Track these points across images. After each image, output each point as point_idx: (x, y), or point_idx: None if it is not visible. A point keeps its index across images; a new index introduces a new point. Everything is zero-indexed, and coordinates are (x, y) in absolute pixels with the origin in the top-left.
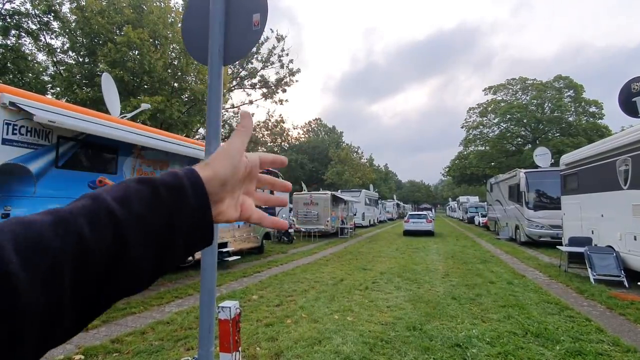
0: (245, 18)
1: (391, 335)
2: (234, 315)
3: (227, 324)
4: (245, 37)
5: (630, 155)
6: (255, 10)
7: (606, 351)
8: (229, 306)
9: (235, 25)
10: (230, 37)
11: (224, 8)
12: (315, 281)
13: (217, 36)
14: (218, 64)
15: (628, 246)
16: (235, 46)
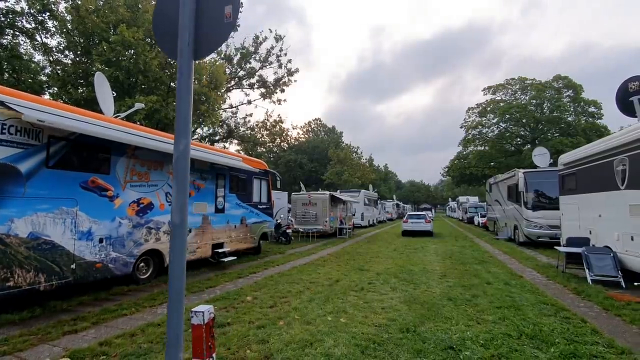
0: (216, 10)
1: (384, 337)
2: (208, 320)
3: (200, 329)
4: (217, 30)
5: (627, 155)
6: (227, 2)
7: (601, 353)
8: (202, 310)
9: (206, 18)
10: (201, 30)
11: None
12: (310, 282)
13: (187, 29)
14: (188, 58)
15: (625, 246)
16: (206, 39)
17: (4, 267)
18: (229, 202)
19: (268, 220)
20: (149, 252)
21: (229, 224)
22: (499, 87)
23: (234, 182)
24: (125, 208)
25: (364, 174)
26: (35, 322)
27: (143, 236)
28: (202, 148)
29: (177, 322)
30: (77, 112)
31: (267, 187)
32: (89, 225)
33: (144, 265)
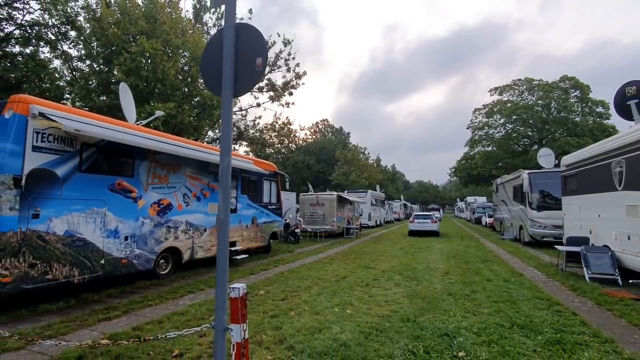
0: (250, 61)
1: (386, 325)
2: (242, 294)
3: (236, 301)
4: (250, 76)
5: (624, 157)
6: (259, 55)
7: (585, 341)
8: (238, 287)
9: (242, 66)
10: (239, 75)
11: (234, 52)
12: (319, 278)
13: (229, 74)
14: (229, 95)
15: (622, 245)
16: (242, 82)
17: (44, 262)
18: (241, 202)
19: (277, 220)
20: (168, 250)
21: (241, 223)
22: (505, 88)
23: (245, 183)
24: (147, 208)
25: (371, 174)
26: (71, 311)
27: (163, 234)
28: (217, 152)
29: (222, 293)
30: (105, 120)
31: (277, 188)
32: (115, 225)
33: (163, 262)
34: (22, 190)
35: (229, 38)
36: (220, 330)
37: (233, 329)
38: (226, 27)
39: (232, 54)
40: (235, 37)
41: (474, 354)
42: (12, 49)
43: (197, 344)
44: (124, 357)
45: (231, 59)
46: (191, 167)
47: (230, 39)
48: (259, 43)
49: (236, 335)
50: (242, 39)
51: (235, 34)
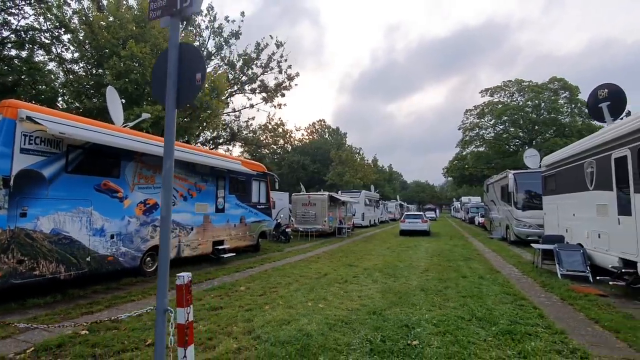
0: (191, 76)
1: (352, 318)
2: (187, 282)
3: (181, 288)
4: (191, 89)
5: (595, 159)
6: (198, 70)
7: (536, 332)
8: (183, 275)
9: (184, 81)
10: (180, 89)
11: (177, 69)
12: (300, 275)
13: (171, 88)
14: (172, 106)
15: (594, 243)
16: (184, 95)
17: (32, 258)
18: (229, 202)
19: (267, 219)
20: (155, 248)
21: (229, 222)
22: (496, 89)
23: (233, 183)
24: (133, 208)
25: (365, 174)
26: (57, 305)
27: (149, 233)
28: (203, 153)
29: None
30: (91, 123)
31: (266, 188)
32: (101, 223)
33: (150, 260)
34: (11, 190)
35: (173, 57)
36: (160, 311)
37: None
38: (170, 47)
39: (176, 69)
40: (178, 55)
41: (426, 343)
42: (9, 53)
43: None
44: (99, 345)
45: (174, 75)
46: (177, 167)
47: (173, 58)
48: (199, 60)
49: (180, 318)
50: (185, 57)
51: (178, 53)
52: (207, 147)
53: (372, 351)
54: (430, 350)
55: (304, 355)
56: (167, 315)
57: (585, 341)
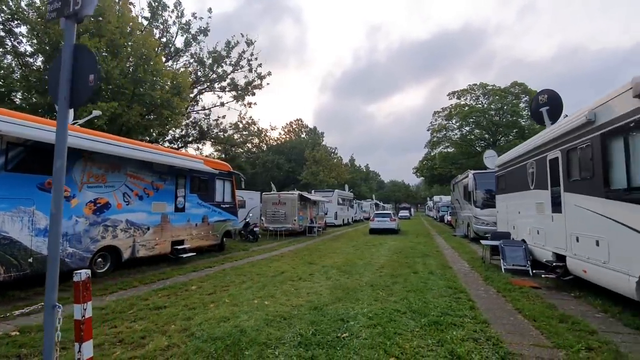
0: (85, 77)
1: (293, 313)
2: (84, 279)
3: (78, 285)
4: (84, 89)
5: (535, 160)
6: (91, 72)
7: (461, 322)
8: (81, 272)
9: (77, 81)
10: (74, 89)
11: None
12: (257, 274)
13: (64, 88)
14: (65, 107)
15: (534, 239)
16: (77, 94)
17: None
18: (190, 201)
19: (232, 219)
20: (107, 248)
21: (190, 222)
22: (463, 92)
23: (195, 183)
24: (81, 207)
25: (339, 174)
26: None
27: (100, 233)
28: (161, 151)
29: (52, 274)
30: (35, 120)
31: (231, 187)
32: (45, 223)
33: (101, 260)
34: None
35: (67, 58)
36: (49, 307)
37: (61, 307)
38: (65, 48)
39: (69, 70)
40: (73, 56)
41: (355, 335)
42: None
43: (103, 334)
44: (26, 346)
45: (68, 75)
46: (132, 166)
47: (68, 59)
48: (92, 62)
49: (76, 314)
50: (79, 59)
51: (73, 54)
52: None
53: (301, 344)
54: (357, 342)
55: (231, 350)
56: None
57: (503, 330)
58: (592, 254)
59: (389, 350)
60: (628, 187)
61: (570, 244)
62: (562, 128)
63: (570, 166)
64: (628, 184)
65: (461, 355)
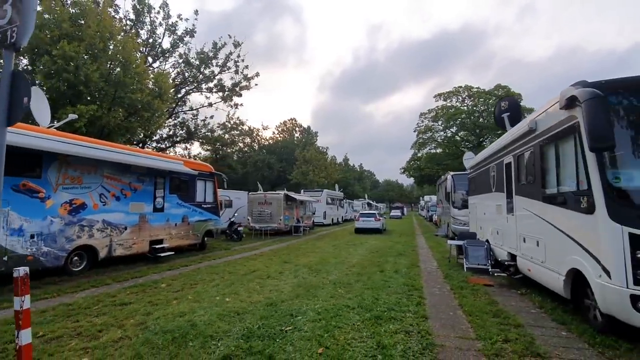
0: (19, 99)
1: (248, 309)
2: (22, 275)
3: (17, 280)
4: (19, 110)
5: (495, 163)
6: (25, 95)
7: (401, 317)
8: (19, 269)
9: (13, 103)
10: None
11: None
12: (229, 272)
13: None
14: (2, 124)
15: (495, 240)
16: (13, 114)
17: None
18: (169, 202)
19: (213, 218)
20: (83, 247)
21: (169, 222)
22: (449, 94)
23: (175, 183)
24: (57, 208)
25: (329, 173)
26: None
27: (75, 233)
28: (139, 154)
29: None
30: None
31: (213, 187)
32: (20, 223)
33: (77, 259)
34: None
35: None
36: None
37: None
38: (4, 75)
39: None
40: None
41: (298, 328)
42: None
43: (64, 327)
44: None
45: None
46: (109, 167)
47: (5, 84)
48: (27, 87)
49: (16, 305)
50: (15, 84)
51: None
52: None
53: (244, 336)
54: (298, 334)
55: (177, 342)
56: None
57: (438, 324)
58: (534, 253)
59: (322, 341)
60: (558, 191)
61: (520, 244)
62: (513, 135)
63: (519, 171)
64: (557, 189)
65: (386, 346)
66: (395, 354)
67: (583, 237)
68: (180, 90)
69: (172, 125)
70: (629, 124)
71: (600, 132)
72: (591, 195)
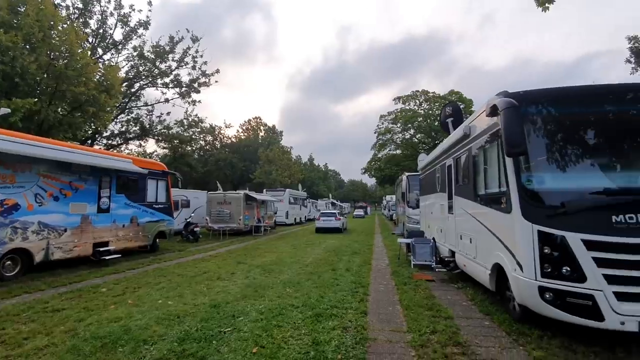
0: None
1: (190, 312)
2: None
3: None
4: None
5: (439, 165)
6: None
7: (342, 313)
8: None
9: None
10: None
11: None
12: (178, 275)
13: None
14: None
15: (440, 238)
16: None
17: None
18: (116, 202)
19: (166, 219)
20: (16, 251)
21: (116, 223)
22: (407, 98)
23: (122, 183)
24: None
25: (293, 173)
26: None
27: (7, 236)
28: (81, 151)
29: None
30: None
31: (166, 187)
32: None
33: (10, 264)
34: None
35: None
36: None
37: None
38: None
39: None
40: None
41: (238, 329)
42: None
43: None
44: None
45: None
46: (46, 166)
47: None
48: None
49: None
50: None
51: None
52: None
53: (179, 339)
54: (236, 335)
55: (106, 348)
56: None
57: (376, 318)
58: (468, 250)
59: (259, 341)
60: (485, 192)
61: (458, 241)
62: (453, 139)
63: (457, 173)
64: (485, 190)
65: (320, 342)
66: (328, 349)
67: (503, 234)
68: (134, 85)
69: (125, 121)
70: (541, 132)
71: (515, 138)
72: (509, 196)
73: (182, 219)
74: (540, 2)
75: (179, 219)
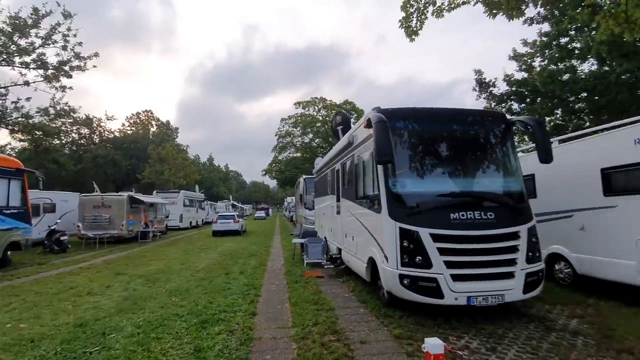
0: None
1: (47, 334)
2: None
3: None
4: None
5: (330, 169)
6: None
7: (230, 317)
8: None
9: None
10: None
11: None
12: (36, 293)
13: None
14: None
15: (329, 237)
16: None
17: None
18: None
19: (20, 226)
20: None
21: None
22: (307, 103)
23: None
24: None
25: (189, 173)
26: None
27: None
28: None
29: None
30: None
31: (20, 188)
32: None
33: None
34: None
35: None
36: None
37: None
38: None
39: None
40: None
41: (108, 347)
42: None
43: None
44: None
45: None
46: None
47: None
48: None
49: None
50: None
51: None
52: None
53: None
54: (105, 354)
55: None
56: None
57: (264, 318)
58: (351, 246)
59: (132, 357)
60: (363, 195)
61: (344, 239)
62: (340, 145)
63: (344, 177)
64: (363, 192)
65: (203, 349)
66: (210, 355)
67: (376, 231)
68: None
69: None
70: (404, 144)
71: (383, 149)
72: (380, 198)
73: (44, 226)
74: (407, 33)
75: (40, 226)
